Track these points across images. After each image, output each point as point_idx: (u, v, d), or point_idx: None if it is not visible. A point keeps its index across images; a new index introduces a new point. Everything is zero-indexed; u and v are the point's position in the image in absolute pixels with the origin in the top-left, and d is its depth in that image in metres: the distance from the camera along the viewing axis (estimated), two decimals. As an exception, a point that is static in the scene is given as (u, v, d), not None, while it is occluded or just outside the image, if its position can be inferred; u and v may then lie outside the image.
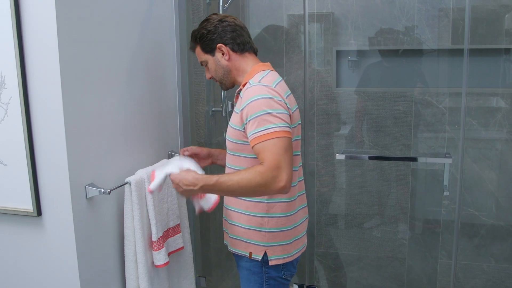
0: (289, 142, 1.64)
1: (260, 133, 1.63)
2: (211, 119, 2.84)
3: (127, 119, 1.98)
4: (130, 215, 1.89)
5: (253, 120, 1.65)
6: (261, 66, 1.86)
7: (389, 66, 3.03)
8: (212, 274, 2.90)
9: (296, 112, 1.82)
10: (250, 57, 1.90)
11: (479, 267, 2.97)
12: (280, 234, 1.83)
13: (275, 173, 1.58)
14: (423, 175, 3.03)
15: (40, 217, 1.70)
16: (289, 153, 1.63)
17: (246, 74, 1.86)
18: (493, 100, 2.83)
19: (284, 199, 1.81)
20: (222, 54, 1.86)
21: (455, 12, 2.77)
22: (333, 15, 2.96)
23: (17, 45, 1.56)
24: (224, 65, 1.87)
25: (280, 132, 1.62)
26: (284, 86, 1.82)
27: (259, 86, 1.70)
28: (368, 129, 3.03)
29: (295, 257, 1.90)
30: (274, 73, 1.83)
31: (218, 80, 1.94)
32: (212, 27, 1.85)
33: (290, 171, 1.61)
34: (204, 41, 1.87)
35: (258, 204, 1.81)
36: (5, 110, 1.63)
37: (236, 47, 1.86)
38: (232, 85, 1.95)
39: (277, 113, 1.64)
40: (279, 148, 1.61)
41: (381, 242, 3.12)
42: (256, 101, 1.66)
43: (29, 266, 1.77)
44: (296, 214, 1.88)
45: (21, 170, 1.66)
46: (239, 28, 1.88)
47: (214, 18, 1.88)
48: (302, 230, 1.94)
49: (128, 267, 1.92)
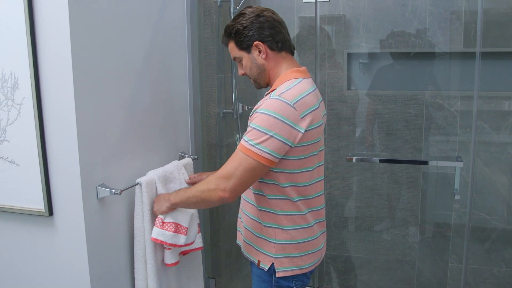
0: (258, 168, 1.62)
1: (245, 142, 1.63)
2: (222, 120, 2.85)
3: (138, 121, 1.99)
4: (140, 215, 1.90)
5: (251, 128, 1.64)
6: (294, 72, 1.74)
7: (401, 69, 3.02)
8: (221, 276, 2.90)
9: (317, 129, 1.71)
10: (287, 57, 1.79)
11: (489, 271, 2.95)
12: (289, 247, 1.77)
13: (220, 181, 1.63)
14: (434, 178, 3.02)
15: (51, 217, 1.71)
16: (247, 174, 1.62)
17: (278, 78, 1.75)
18: (505, 103, 2.82)
19: (295, 211, 1.75)
20: (259, 52, 1.74)
21: (467, 15, 2.76)
22: (344, 18, 2.96)
23: (30, 47, 1.57)
24: (260, 64, 1.76)
25: (258, 156, 1.60)
26: (310, 100, 1.68)
27: (276, 100, 1.62)
28: (379, 132, 3.02)
29: (305, 271, 1.83)
30: (305, 83, 1.72)
31: (252, 78, 1.83)
32: (248, 23, 1.72)
33: (237, 187, 1.63)
34: (240, 37, 1.74)
35: (269, 214, 1.77)
36: (18, 110, 1.65)
37: (275, 45, 1.74)
38: (266, 85, 1.83)
39: (273, 138, 1.59)
40: (241, 165, 1.62)
41: (391, 245, 3.11)
42: (265, 115, 1.60)
43: (40, 265, 1.78)
44: (310, 228, 1.80)
45: (33, 170, 1.67)
46: (277, 24, 1.75)
47: (250, 12, 1.74)
48: (318, 244, 1.84)
49: (138, 267, 1.93)
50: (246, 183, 1.65)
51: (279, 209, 1.75)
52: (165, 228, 1.90)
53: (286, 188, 1.72)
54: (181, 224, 1.95)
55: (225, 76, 2.81)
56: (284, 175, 1.70)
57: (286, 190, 1.72)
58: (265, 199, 1.76)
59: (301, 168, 1.71)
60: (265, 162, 1.61)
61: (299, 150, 1.67)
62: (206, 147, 2.64)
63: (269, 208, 1.76)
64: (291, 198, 1.74)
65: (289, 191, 1.73)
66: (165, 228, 1.90)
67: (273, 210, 1.75)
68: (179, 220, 1.93)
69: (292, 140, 1.62)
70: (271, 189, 1.73)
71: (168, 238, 1.90)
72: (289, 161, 1.68)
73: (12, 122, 1.67)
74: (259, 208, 1.79)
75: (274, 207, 1.75)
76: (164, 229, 1.90)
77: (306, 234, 1.79)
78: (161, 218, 1.90)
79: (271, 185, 1.73)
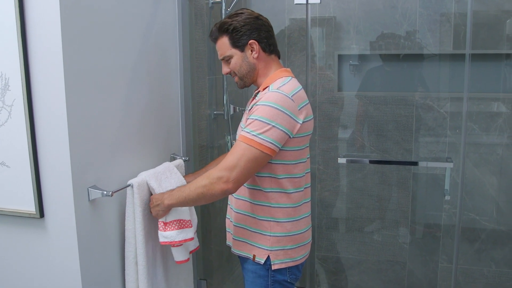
0: (260, 158, 1.67)
1: (247, 133, 1.67)
2: (213, 122, 2.85)
3: (130, 122, 1.99)
4: (132, 217, 1.90)
5: (252, 120, 1.68)
6: (283, 71, 1.84)
7: (390, 71, 3.04)
8: (213, 277, 2.90)
9: (310, 122, 1.81)
10: (276, 60, 1.88)
11: (479, 271, 2.97)
12: (284, 239, 1.83)
13: (223, 173, 1.66)
14: (424, 179, 3.04)
15: (42, 219, 1.71)
16: (250, 164, 1.66)
17: (268, 77, 1.84)
18: (494, 105, 2.84)
19: (289, 204, 1.81)
20: (251, 51, 1.82)
21: (456, 17, 2.77)
22: (335, 19, 2.97)
23: (21, 47, 1.57)
24: (251, 62, 1.83)
25: (261, 145, 1.65)
26: (303, 95, 1.79)
27: (276, 93, 1.70)
28: (369, 133, 3.03)
29: (298, 263, 1.89)
30: (295, 81, 1.82)
31: (238, 76, 1.88)
32: (246, 22, 1.79)
33: (240, 178, 1.66)
34: (237, 34, 1.80)
35: (264, 207, 1.82)
36: (8, 112, 1.64)
37: (267, 48, 1.83)
38: (250, 85, 1.91)
39: (275, 128, 1.66)
40: (244, 156, 1.66)
41: (381, 246, 3.12)
42: (267, 107, 1.67)
43: (31, 267, 1.78)
44: (301, 220, 1.87)
45: (24, 172, 1.66)
46: (271, 30, 1.86)
47: (249, 14, 1.82)
48: (307, 237, 1.93)
49: (128, 269, 1.93)
50: (248, 173, 1.69)
51: (274, 202, 1.80)
52: (168, 229, 1.91)
53: (282, 180, 1.78)
54: (183, 219, 1.95)
55: (216, 77, 2.81)
56: (282, 166, 1.77)
57: (282, 181, 1.78)
58: (261, 193, 1.81)
59: (297, 160, 1.80)
60: (268, 151, 1.66)
61: (296, 141, 1.75)
62: (197, 149, 2.64)
63: (265, 202, 1.81)
64: (286, 191, 1.80)
65: (285, 183, 1.79)
66: (168, 229, 1.91)
67: (269, 203, 1.80)
68: (180, 216, 1.93)
69: (292, 130, 1.70)
70: (268, 182, 1.79)
71: (174, 237, 1.91)
72: (287, 152, 1.75)
73: (3, 123, 1.66)
74: (254, 203, 1.83)
75: (270, 200, 1.80)
76: (167, 230, 1.91)
77: (299, 227, 1.86)
78: (162, 221, 1.91)
79: (267, 178, 1.78)
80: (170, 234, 1.91)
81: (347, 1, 2.95)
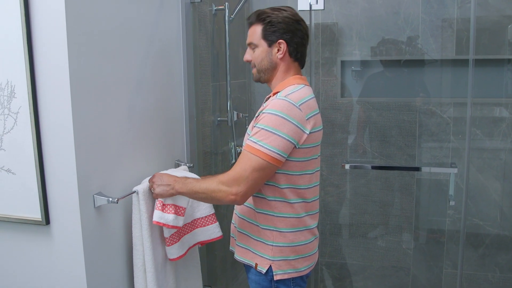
0: (266, 168, 1.65)
1: (252, 143, 1.66)
2: (217, 128, 2.85)
3: (135, 129, 1.99)
4: (139, 224, 1.89)
5: (258, 129, 1.67)
6: (297, 79, 1.80)
7: (391, 76, 3.05)
8: (217, 283, 2.89)
9: (318, 132, 1.78)
10: (297, 68, 1.84)
11: (484, 277, 2.97)
12: (286, 249, 1.80)
13: (231, 185, 1.65)
14: (428, 185, 3.04)
15: (48, 226, 1.70)
16: (257, 175, 1.65)
17: (282, 82, 1.80)
18: (496, 110, 2.84)
19: (293, 214, 1.78)
20: (277, 50, 1.78)
21: (459, 22, 2.79)
22: (337, 26, 2.98)
23: (27, 55, 1.57)
24: (273, 61, 1.79)
25: (266, 155, 1.63)
26: (313, 104, 1.76)
27: (282, 101, 1.67)
28: (372, 139, 3.04)
29: (302, 274, 1.86)
30: (308, 89, 1.78)
31: (257, 69, 1.84)
32: (285, 20, 1.75)
33: (247, 189, 1.65)
34: (270, 28, 1.76)
35: (267, 216, 1.79)
36: (14, 119, 1.64)
37: (294, 53, 1.79)
38: (264, 82, 1.87)
39: (280, 137, 1.63)
40: (250, 166, 1.64)
41: (385, 252, 3.11)
42: (272, 115, 1.65)
43: (37, 274, 1.77)
44: (305, 231, 1.83)
45: (30, 179, 1.66)
46: (306, 39, 1.82)
47: (292, 15, 1.77)
48: (313, 248, 1.87)
49: (137, 276, 1.92)
50: (256, 184, 1.67)
51: (277, 211, 1.77)
52: (166, 211, 1.88)
53: (284, 190, 1.75)
54: (180, 206, 1.93)
55: (220, 84, 2.81)
56: (285, 176, 1.74)
57: (284, 191, 1.76)
58: (265, 201, 1.79)
59: (302, 171, 1.76)
60: (273, 161, 1.64)
61: (303, 151, 1.72)
62: (201, 155, 2.65)
63: (268, 210, 1.79)
64: (289, 200, 1.77)
65: (287, 193, 1.76)
66: (166, 211, 1.88)
67: (272, 212, 1.78)
68: (178, 202, 1.91)
69: (298, 140, 1.67)
70: (271, 190, 1.77)
71: (169, 220, 1.88)
72: (292, 162, 1.72)
73: (9, 131, 1.66)
74: (257, 211, 1.81)
75: (273, 209, 1.78)
76: (165, 212, 1.88)
77: (302, 237, 1.82)
78: (162, 201, 1.88)
79: (271, 186, 1.76)
80: (166, 216, 1.87)
81: (350, 7, 2.96)
